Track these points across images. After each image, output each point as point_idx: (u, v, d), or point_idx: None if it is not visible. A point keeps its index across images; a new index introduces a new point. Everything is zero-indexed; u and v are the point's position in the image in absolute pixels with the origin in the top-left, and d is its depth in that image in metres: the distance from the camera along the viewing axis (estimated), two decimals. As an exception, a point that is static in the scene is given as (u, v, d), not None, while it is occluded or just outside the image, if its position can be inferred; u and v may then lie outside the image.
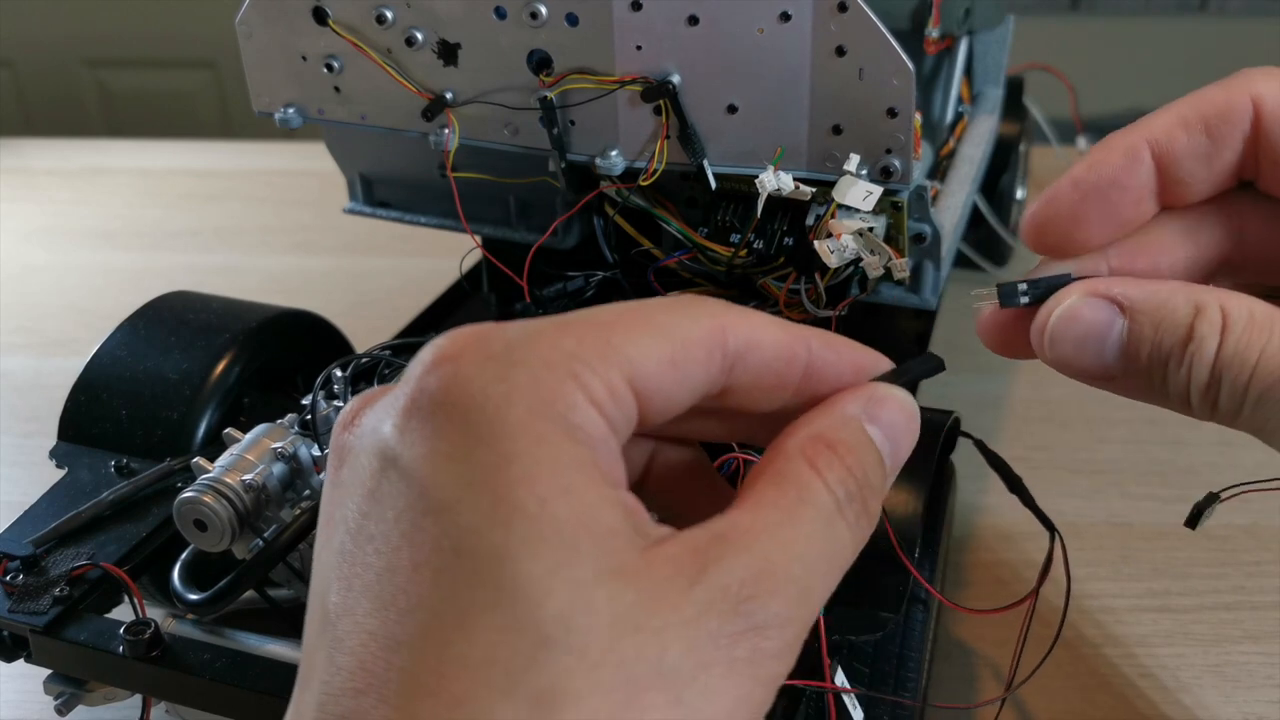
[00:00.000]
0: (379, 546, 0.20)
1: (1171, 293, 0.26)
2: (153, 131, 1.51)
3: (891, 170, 0.43)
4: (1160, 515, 0.57)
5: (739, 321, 0.23)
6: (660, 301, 0.23)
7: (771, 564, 0.21)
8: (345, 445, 0.23)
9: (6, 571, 0.40)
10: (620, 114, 0.44)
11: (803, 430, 0.24)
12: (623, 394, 0.21)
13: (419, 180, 0.55)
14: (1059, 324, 0.27)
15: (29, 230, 0.95)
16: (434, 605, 0.19)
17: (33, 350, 0.76)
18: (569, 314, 0.22)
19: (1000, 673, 0.47)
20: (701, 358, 0.23)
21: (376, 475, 0.21)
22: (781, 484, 0.22)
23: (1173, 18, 1.88)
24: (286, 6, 0.48)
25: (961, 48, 0.61)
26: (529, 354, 0.21)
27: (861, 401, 0.25)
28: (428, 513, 0.20)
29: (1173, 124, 0.28)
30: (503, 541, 0.19)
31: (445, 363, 0.21)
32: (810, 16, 0.40)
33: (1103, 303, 0.27)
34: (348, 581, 0.21)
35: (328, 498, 0.23)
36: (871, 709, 0.36)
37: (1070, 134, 0.92)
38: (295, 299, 0.54)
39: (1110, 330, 0.27)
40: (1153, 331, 0.26)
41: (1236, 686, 0.46)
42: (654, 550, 0.20)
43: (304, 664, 0.22)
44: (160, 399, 0.46)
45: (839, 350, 0.25)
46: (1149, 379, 0.27)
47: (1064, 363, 0.27)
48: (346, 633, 0.20)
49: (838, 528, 0.23)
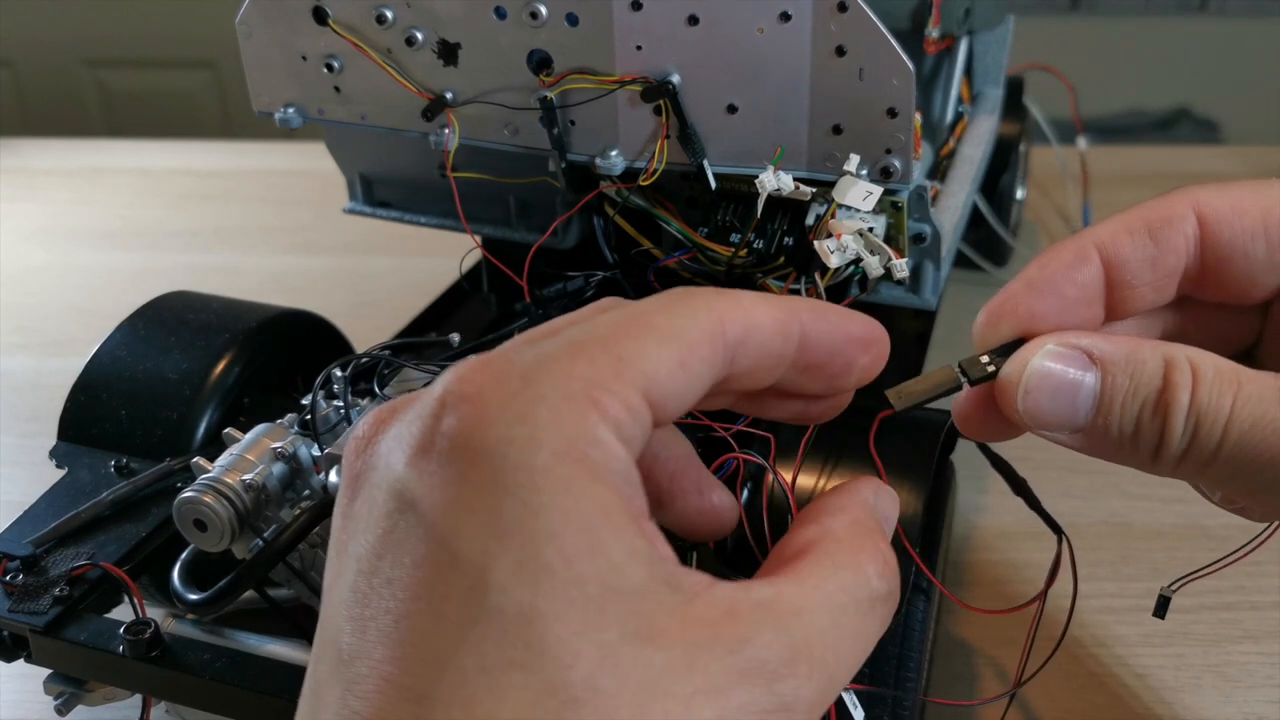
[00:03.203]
0: (396, 592, 0.20)
1: (1139, 345, 0.27)
2: (153, 131, 1.51)
3: (891, 170, 0.43)
4: (1160, 515, 0.57)
5: (734, 310, 0.24)
6: (656, 303, 0.23)
7: (811, 648, 0.21)
8: (359, 475, 0.22)
9: (6, 571, 0.40)
10: (620, 114, 0.44)
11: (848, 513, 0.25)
12: (640, 410, 0.22)
13: (419, 180, 0.55)
14: (1031, 378, 0.27)
15: (29, 230, 0.95)
16: (460, 661, 0.19)
17: (33, 350, 0.76)
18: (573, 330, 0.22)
19: (1000, 671, 0.47)
20: (706, 354, 0.23)
21: (393, 515, 0.21)
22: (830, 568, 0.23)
23: (1173, 18, 1.88)
24: (286, 6, 0.48)
25: (961, 48, 0.61)
26: (546, 386, 0.21)
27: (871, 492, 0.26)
28: (451, 565, 0.20)
29: (1118, 228, 0.28)
30: (530, 601, 0.19)
31: (461, 403, 0.21)
32: (810, 16, 0.40)
33: (1076, 354, 0.27)
34: (362, 623, 0.20)
35: (339, 528, 0.22)
36: (871, 708, 0.36)
37: (1070, 134, 0.92)
38: (295, 299, 0.54)
39: (1083, 383, 0.27)
40: (1127, 382, 0.26)
41: (1236, 686, 0.46)
42: (688, 609, 0.20)
43: (312, 698, 0.21)
44: (160, 399, 0.46)
45: (829, 319, 0.25)
46: (1119, 432, 0.27)
47: (1037, 416, 0.27)
48: (362, 675, 0.20)
49: (871, 621, 0.23)
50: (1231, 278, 0.28)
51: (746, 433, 0.39)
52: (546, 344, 0.22)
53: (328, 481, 0.40)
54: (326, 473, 0.40)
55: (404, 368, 0.44)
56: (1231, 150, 1.14)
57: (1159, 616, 0.36)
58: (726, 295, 0.24)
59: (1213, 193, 0.28)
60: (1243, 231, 0.27)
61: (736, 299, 0.24)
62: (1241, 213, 0.27)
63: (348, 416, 0.43)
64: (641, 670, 0.19)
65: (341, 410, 0.43)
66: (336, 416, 0.43)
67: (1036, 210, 0.93)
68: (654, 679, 0.19)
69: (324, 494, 0.40)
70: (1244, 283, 0.28)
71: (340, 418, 0.43)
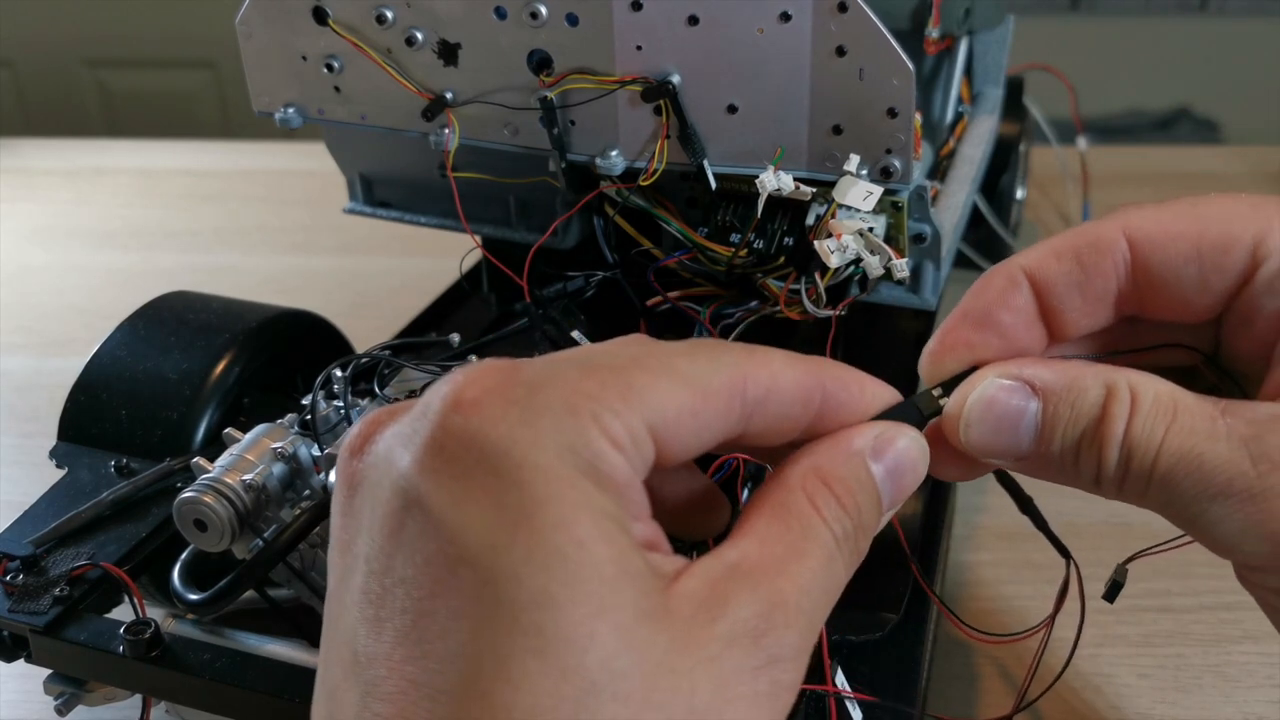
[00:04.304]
0: (410, 591, 0.20)
1: (1081, 374, 0.27)
2: (153, 131, 1.52)
3: (891, 170, 0.43)
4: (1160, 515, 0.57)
5: (759, 370, 0.24)
6: (682, 347, 0.24)
7: (784, 598, 0.22)
8: (357, 473, 0.22)
9: (6, 571, 0.40)
10: (620, 114, 0.44)
11: (805, 461, 0.24)
12: (642, 438, 0.22)
13: (419, 180, 0.55)
14: (974, 409, 0.27)
15: (29, 230, 0.95)
16: (475, 653, 0.19)
17: (33, 350, 0.76)
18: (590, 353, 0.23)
19: (1000, 672, 0.47)
20: (721, 408, 0.23)
21: (399, 514, 0.21)
22: (785, 517, 0.23)
23: (1173, 18, 1.88)
24: (286, 6, 0.48)
25: (961, 48, 0.61)
26: (552, 398, 0.21)
27: (869, 438, 0.25)
28: (462, 560, 0.20)
29: (1045, 253, 0.29)
30: (543, 586, 0.19)
31: (469, 405, 0.21)
32: (810, 16, 0.40)
33: (1017, 386, 0.27)
34: (378, 625, 0.20)
35: (339, 526, 0.22)
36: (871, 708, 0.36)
37: (1070, 134, 0.92)
38: (295, 299, 0.54)
39: (1025, 413, 0.27)
40: (1068, 411, 0.27)
41: (1236, 686, 0.46)
42: (674, 588, 0.21)
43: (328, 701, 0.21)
44: (160, 399, 0.46)
45: (851, 390, 0.26)
46: (1060, 460, 0.27)
47: (980, 445, 0.27)
48: (381, 678, 0.20)
49: (836, 563, 0.23)
50: (1166, 299, 0.28)
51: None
52: (559, 362, 0.22)
53: (328, 481, 0.40)
54: (326, 473, 0.40)
55: (404, 368, 0.44)
56: (1231, 150, 1.14)
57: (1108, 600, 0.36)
58: (754, 353, 0.24)
59: (1145, 216, 0.28)
60: (1175, 256, 0.27)
61: (764, 357, 0.24)
62: (1174, 237, 0.27)
63: (348, 416, 0.43)
64: (651, 650, 0.20)
65: (341, 410, 0.43)
66: (336, 416, 0.43)
67: (1036, 210, 0.93)
68: (661, 658, 0.20)
69: (324, 494, 0.40)
70: (1179, 304, 0.28)
71: (340, 418, 0.43)
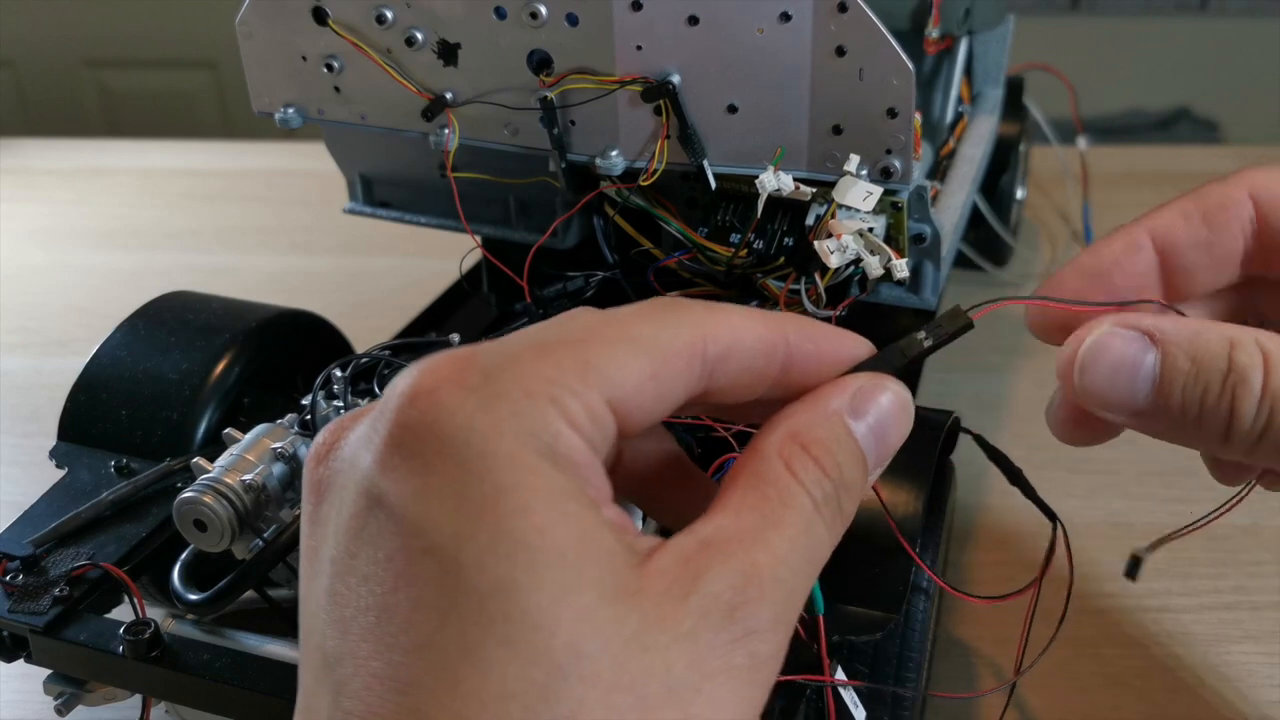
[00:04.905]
0: (373, 588, 0.20)
1: (1203, 327, 0.26)
2: (153, 131, 1.51)
3: (891, 170, 0.43)
4: (1160, 515, 0.57)
5: (719, 327, 0.23)
6: (637, 310, 0.23)
7: (758, 570, 0.21)
8: (322, 480, 0.22)
9: (6, 571, 0.40)
10: (620, 114, 0.44)
11: (781, 427, 0.24)
12: (602, 415, 0.21)
13: (419, 180, 0.55)
14: (1089, 354, 0.26)
15: (29, 230, 0.95)
16: (441, 644, 0.19)
17: (32, 350, 0.76)
18: (545, 331, 0.22)
19: (1000, 671, 0.47)
20: (682, 369, 0.23)
21: (363, 514, 0.21)
22: (761, 486, 0.22)
23: (1173, 18, 1.88)
24: (286, 6, 0.48)
25: (961, 48, 0.61)
26: (508, 383, 0.21)
27: (847, 395, 0.24)
28: (426, 552, 0.20)
29: (1173, 215, 0.28)
30: (507, 574, 0.19)
31: (424, 396, 0.21)
32: (810, 16, 0.40)
33: (1134, 334, 0.26)
34: (343, 625, 0.20)
35: (308, 534, 0.22)
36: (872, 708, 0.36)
37: (1070, 134, 0.92)
38: (295, 299, 0.54)
39: (1142, 362, 0.26)
40: (1188, 364, 0.26)
41: (1237, 686, 0.46)
42: (646, 565, 0.20)
43: (304, 707, 0.21)
44: (160, 399, 0.46)
45: (817, 341, 0.25)
46: (1181, 414, 0.26)
47: (1095, 394, 0.27)
48: (349, 676, 0.20)
49: (816, 529, 0.23)
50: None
51: (746, 433, 0.39)
52: (514, 344, 0.22)
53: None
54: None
55: (404, 368, 0.44)
56: (1231, 150, 1.14)
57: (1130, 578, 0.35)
58: (713, 310, 0.24)
59: (1270, 177, 0.28)
60: None
61: (723, 314, 0.24)
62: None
63: (348, 416, 0.43)
64: (619, 629, 0.19)
65: (341, 410, 0.43)
66: (336, 416, 0.43)
67: (1036, 210, 0.93)
68: (632, 637, 0.19)
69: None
70: None
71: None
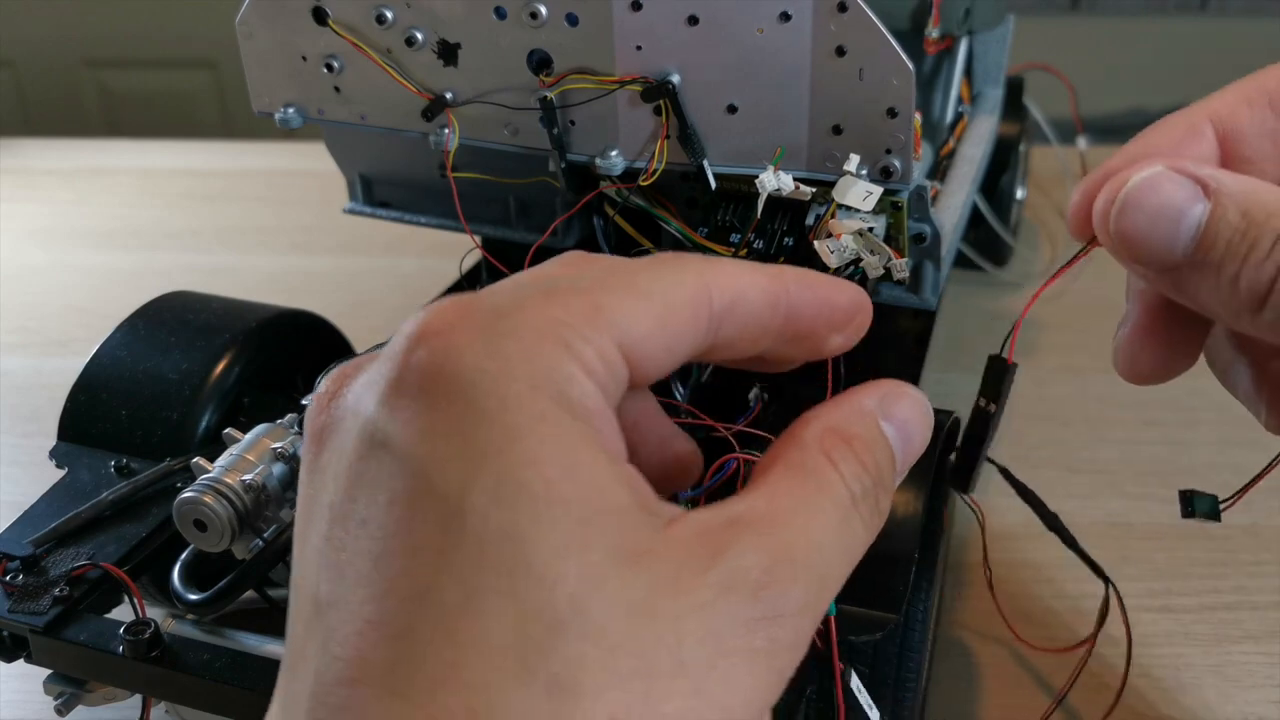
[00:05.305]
0: (372, 531, 0.19)
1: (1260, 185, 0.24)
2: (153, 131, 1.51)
3: (891, 170, 0.43)
4: (1160, 515, 0.57)
5: (722, 279, 0.23)
6: (642, 263, 0.23)
7: (791, 551, 0.20)
8: (324, 426, 0.21)
9: (6, 571, 0.40)
10: (620, 114, 0.44)
11: (820, 421, 0.23)
12: (614, 361, 0.21)
13: (419, 180, 0.55)
14: (1135, 192, 0.24)
15: (29, 230, 0.95)
16: (439, 590, 0.18)
17: (32, 350, 0.76)
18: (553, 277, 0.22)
19: (1000, 669, 0.47)
20: (689, 320, 0.22)
21: (364, 458, 0.20)
22: (799, 474, 0.22)
23: (1173, 18, 1.88)
24: (286, 6, 0.48)
25: (961, 48, 0.61)
26: (519, 324, 0.20)
27: (878, 396, 0.24)
28: (427, 494, 0.19)
29: (1236, 100, 0.26)
30: (511, 523, 0.18)
31: (432, 337, 0.20)
32: (810, 16, 0.40)
33: (1186, 180, 0.24)
34: (338, 569, 0.19)
35: (306, 482, 0.22)
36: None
37: (1070, 134, 0.92)
38: (295, 299, 0.54)
39: (1190, 210, 0.24)
40: (1238, 219, 0.24)
41: (1236, 686, 0.46)
42: (667, 532, 0.20)
43: (291, 655, 0.20)
44: (160, 399, 0.46)
45: (815, 289, 0.25)
46: (1219, 273, 0.24)
47: (1130, 237, 0.25)
48: (341, 621, 0.19)
49: (854, 523, 0.22)
50: None
51: (747, 433, 0.39)
52: (521, 288, 0.21)
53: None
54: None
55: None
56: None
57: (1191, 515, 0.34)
58: (716, 263, 0.23)
59: None
60: None
61: (727, 266, 0.23)
62: None
63: (348, 416, 0.43)
64: (628, 592, 0.19)
65: (341, 410, 0.43)
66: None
67: (1036, 210, 0.93)
68: (641, 601, 0.19)
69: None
70: None
71: (340, 418, 0.43)
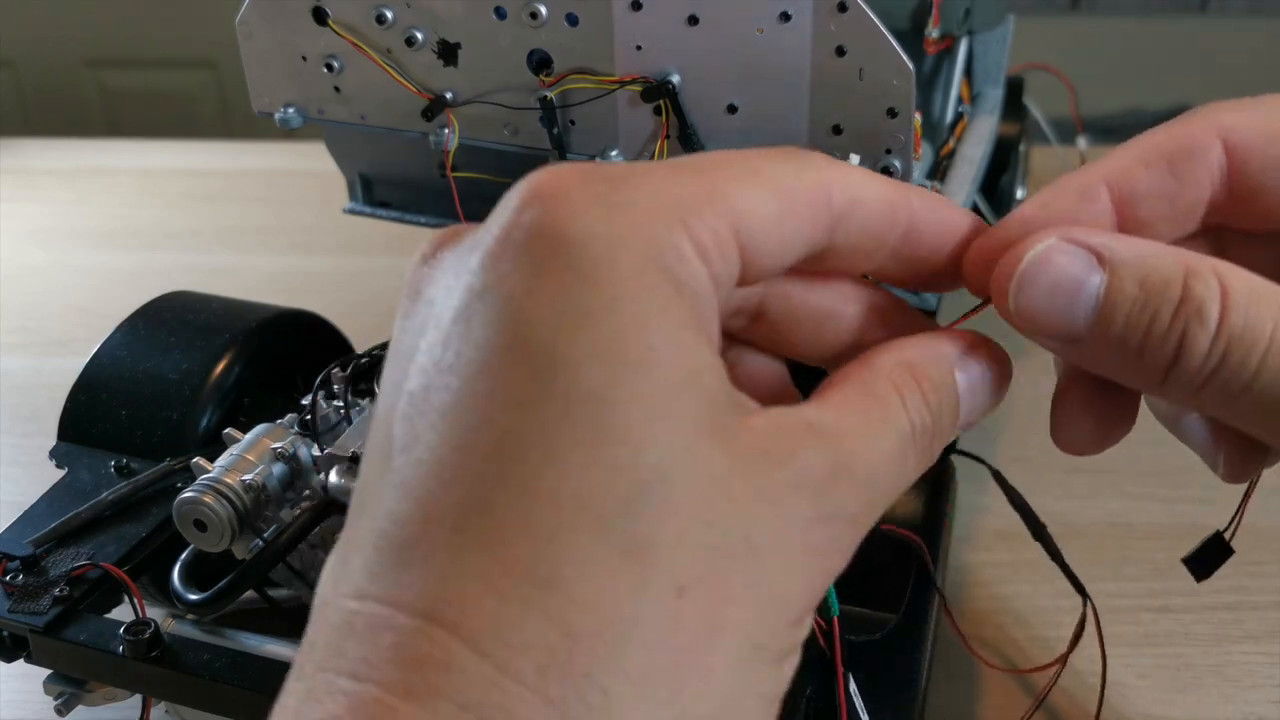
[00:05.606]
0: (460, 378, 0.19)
1: (1157, 249, 0.23)
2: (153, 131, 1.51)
3: (892, 170, 0.43)
4: (1160, 515, 0.57)
5: (844, 178, 0.22)
6: (765, 153, 0.22)
7: (853, 464, 0.21)
8: (424, 278, 0.21)
9: (6, 571, 0.40)
10: (620, 114, 0.44)
11: (897, 352, 0.23)
12: (728, 246, 0.21)
13: (419, 180, 0.55)
14: (1030, 268, 0.23)
15: (29, 230, 0.95)
16: (521, 440, 0.18)
17: (32, 350, 0.76)
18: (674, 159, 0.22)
19: (1000, 672, 0.47)
20: (808, 215, 0.22)
21: (461, 310, 0.19)
22: (867, 395, 0.22)
23: (1173, 18, 1.88)
24: (286, 6, 0.48)
25: (961, 48, 0.61)
26: (636, 197, 0.20)
27: (961, 346, 0.24)
28: (522, 345, 0.19)
29: (1132, 161, 0.25)
30: (602, 384, 0.18)
31: (546, 199, 0.20)
32: (810, 16, 0.40)
33: (1080, 251, 0.23)
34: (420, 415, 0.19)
35: (397, 337, 0.21)
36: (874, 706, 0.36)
37: (1070, 134, 0.92)
38: (295, 299, 0.54)
39: (1087, 281, 0.23)
40: (1136, 290, 0.23)
41: (1237, 686, 0.46)
42: (748, 420, 0.20)
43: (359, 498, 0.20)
44: (160, 399, 0.46)
45: (939, 213, 0.24)
46: (1122, 345, 0.23)
47: (1030, 314, 0.24)
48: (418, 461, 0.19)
49: (908, 454, 0.23)
50: (1264, 208, 0.25)
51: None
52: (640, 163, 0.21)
53: (328, 482, 0.40)
54: (326, 473, 0.40)
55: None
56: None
57: None
58: (839, 164, 0.23)
59: (1240, 115, 0.25)
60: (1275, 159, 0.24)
61: (849, 170, 0.23)
62: (1273, 138, 0.24)
63: (348, 416, 0.43)
64: (708, 468, 0.19)
65: (341, 410, 0.43)
66: (336, 416, 0.43)
67: (1036, 210, 0.93)
68: (720, 478, 0.19)
69: (324, 494, 0.40)
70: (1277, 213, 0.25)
71: (340, 418, 0.43)
